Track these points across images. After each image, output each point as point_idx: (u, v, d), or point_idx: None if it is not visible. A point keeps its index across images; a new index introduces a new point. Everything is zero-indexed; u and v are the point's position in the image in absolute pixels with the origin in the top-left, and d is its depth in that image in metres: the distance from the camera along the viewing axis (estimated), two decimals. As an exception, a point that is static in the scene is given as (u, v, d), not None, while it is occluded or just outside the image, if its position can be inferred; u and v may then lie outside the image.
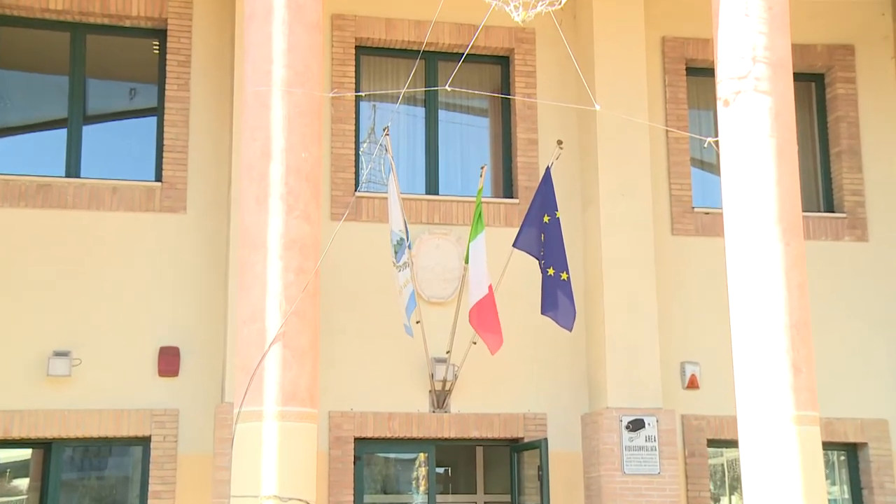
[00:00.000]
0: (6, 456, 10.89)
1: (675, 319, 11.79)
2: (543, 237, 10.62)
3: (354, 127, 11.71)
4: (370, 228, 11.40)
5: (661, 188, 12.10)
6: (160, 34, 11.72)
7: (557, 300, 10.49)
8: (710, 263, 11.68)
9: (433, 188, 11.93)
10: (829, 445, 11.63)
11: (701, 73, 12.52)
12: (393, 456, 11.75)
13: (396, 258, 10.44)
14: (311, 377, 7.29)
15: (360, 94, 11.68)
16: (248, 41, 7.81)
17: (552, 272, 10.48)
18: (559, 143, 11.05)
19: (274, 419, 7.10)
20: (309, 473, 7.17)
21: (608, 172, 11.61)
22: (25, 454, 10.89)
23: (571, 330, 10.61)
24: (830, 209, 12.72)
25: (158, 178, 11.38)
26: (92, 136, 11.53)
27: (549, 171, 10.90)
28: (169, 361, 10.86)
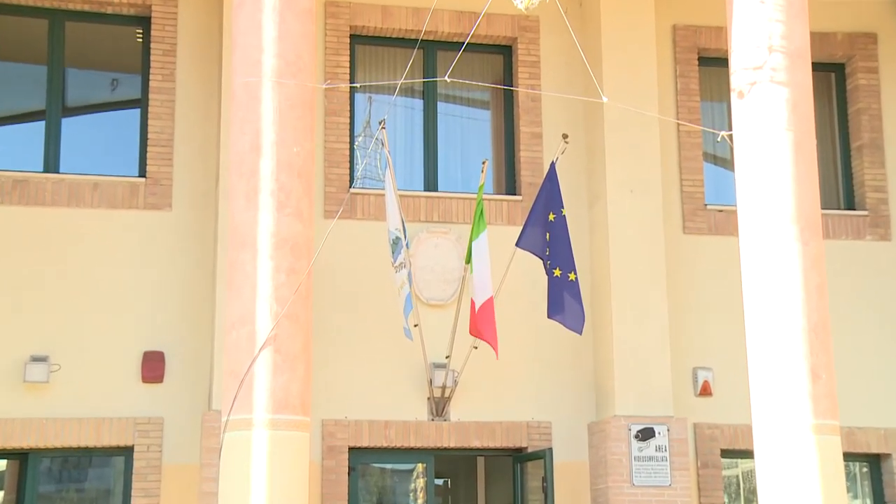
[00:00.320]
0: (-19, 467, 10.91)
1: (686, 322, 11.80)
2: (548, 236, 10.62)
3: (349, 120, 11.71)
4: (365, 227, 11.40)
5: (671, 184, 12.11)
6: (144, 21, 11.73)
7: (564, 302, 10.50)
8: (723, 263, 11.68)
9: (432, 184, 11.94)
10: (850, 456, 11.63)
11: (714, 63, 12.53)
12: (389, 467, 11.76)
13: (393, 258, 10.45)
14: (303, 383, 7.30)
15: (354, 85, 11.68)
16: (236, 29, 7.82)
17: (559, 273, 10.49)
18: (564, 136, 11.06)
19: (264, 428, 7.11)
20: (301, 485, 7.18)
21: (616, 168, 11.61)
22: (0, 465, 10.89)
23: (581, 333, 10.62)
24: (851, 206, 12.73)
25: (142, 173, 11.38)
26: (71, 128, 11.53)
27: (553, 166, 10.90)
28: (153, 367, 10.86)
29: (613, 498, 10.90)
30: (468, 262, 10.67)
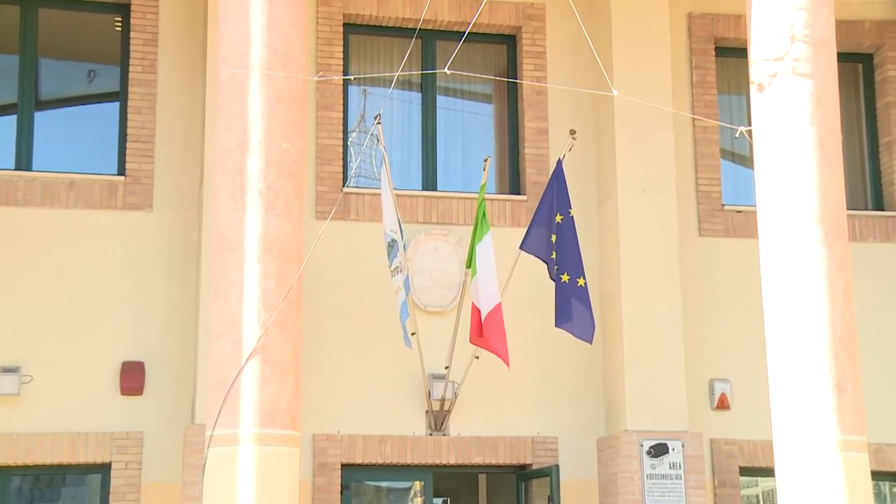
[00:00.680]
0: (-52, 485, 10.90)
1: (702, 331, 11.80)
2: (555, 238, 10.62)
3: (342, 114, 11.71)
4: (360, 228, 11.40)
5: (686, 183, 12.11)
6: (123, 9, 11.73)
7: (573, 310, 10.50)
8: (742, 268, 11.69)
9: (431, 183, 11.94)
10: (878, 475, 11.61)
11: (732, 53, 12.53)
12: (385, 485, 11.76)
13: (389, 262, 10.45)
14: (292, 396, 7.30)
15: (348, 77, 11.69)
16: (222, 18, 7.82)
17: (567, 278, 10.49)
18: (572, 132, 11.06)
19: (251, 443, 7.11)
20: (291, 504, 7.19)
21: (627, 166, 11.61)
22: (-30, 483, 10.90)
23: (591, 342, 10.62)
24: (879, 207, 12.73)
25: (121, 171, 11.38)
26: (45, 123, 11.53)
27: (560, 164, 10.91)
28: (132, 378, 10.86)
29: (624, 518, 10.91)
30: (469, 266, 10.67)
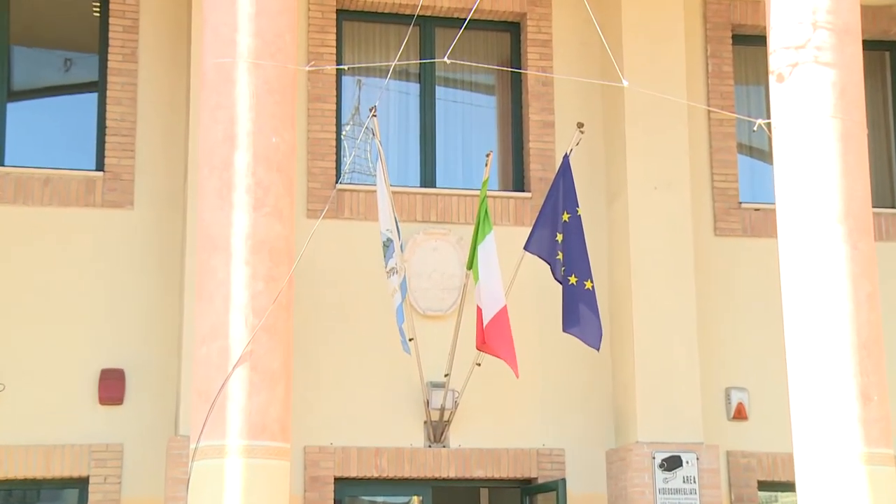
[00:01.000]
0: (-84, 500, 10.90)
1: (718, 336, 11.80)
2: (561, 238, 10.62)
3: (335, 106, 11.70)
4: (354, 227, 11.40)
5: (701, 180, 12.11)
6: (102, -6, 11.76)
7: (580, 314, 10.50)
8: (760, 269, 11.68)
9: (429, 180, 11.94)
10: (903, 488, 11.63)
11: (750, 41, 12.54)
12: (381, 500, 11.76)
13: (385, 263, 10.45)
14: (282, 405, 7.29)
15: (342, 66, 11.68)
16: (207, 3, 7.82)
17: (574, 281, 10.48)
18: (580, 126, 11.06)
19: (238, 455, 7.10)
20: (280, 521, 7.19)
21: (638, 161, 11.61)
22: (-62, 498, 10.90)
23: (599, 349, 10.62)
24: (906, 204, 12.76)
25: (99, 166, 11.37)
26: (18, 115, 11.52)
27: (567, 159, 10.90)
28: (112, 387, 10.85)
29: (635, 536, 10.92)
30: (470, 267, 10.67)
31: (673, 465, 10.99)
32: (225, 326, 7.26)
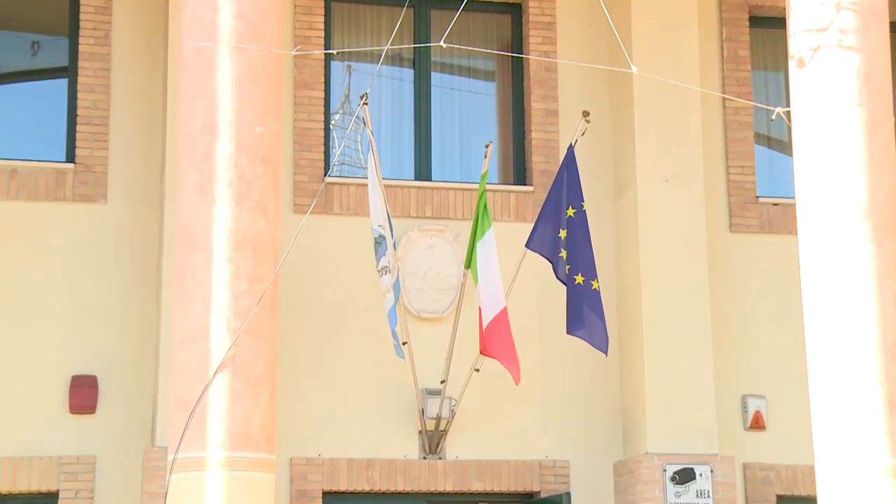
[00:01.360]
0: None
1: (734, 340, 11.82)
2: (564, 235, 10.64)
3: (324, 94, 11.71)
4: (344, 223, 11.41)
5: (716, 173, 12.13)
6: (73, -27, 11.75)
7: (585, 316, 10.51)
8: (779, 268, 11.71)
9: (424, 172, 11.95)
10: (931, 503, 11.67)
11: (769, 23, 12.56)
12: (372, 516, 11.78)
13: (376, 261, 10.45)
14: (267, 414, 7.30)
15: (330, 51, 11.69)
16: (187, -18, 7.83)
17: (581, 280, 10.50)
18: (585, 114, 11.07)
19: (219, 468, 7.11)
20: (265, 538, 7.19)
21: (648, 152, 11.62)
22: None
23: (607, 352, 10.63)
24: (933, 199, 12.76)
25: (70, 158, 11.37)
26: (-16, 103, 11.56)
27: (572, 150, 10.91)
28: (83, 394, 10.85)
29: (645, 554, 10.94)
30: (469, 266, 10.68)
31: (685, 478, 11.00)
32: (205, 329, 7.26)
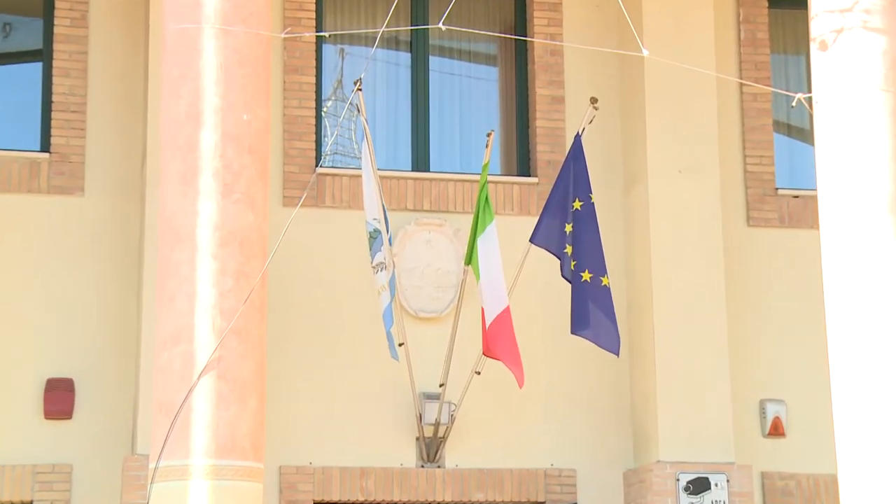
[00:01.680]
0: None
1: (751, 341, 11.82)
2: (570, 229, 10.64)
3: (315, 79, 11.71)
4: (336, 217, 11.41)
5: (732, 162, 12.13)
6: (47, -50, 11.75)
7: (591, 315, 10.50)
8: (799, 265, 11.72)
9: (422, 163, 11.95)
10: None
11: (789, 4, 12.55)
12: (366, 528, 11.79)
13: (371, 257, 10.45)
14: (255, 419, 7.30)
15: (322, 34, 11.67)
16: (169, -40, 7.83)
17: (588, 277, 10.49)
18: (593, 101, 11.07)
19: (204, 477, 7.11)
20: (253, 552, 7.21)
21: (660, 141, 11.63)
22: None
23: (618, 353, 10.63)
24: (964, 191, 12.77)
25: (45, 147, 11.37)
26: (-48, 89, 11.57)
27: (579, 139, 10.91)
28: (59, 399, 10.85)
29: (657, 568, 10.95)
30: (469, 262, 10.68)
31: (700, 488, 11.01)
32: (189, 329, 7.26)
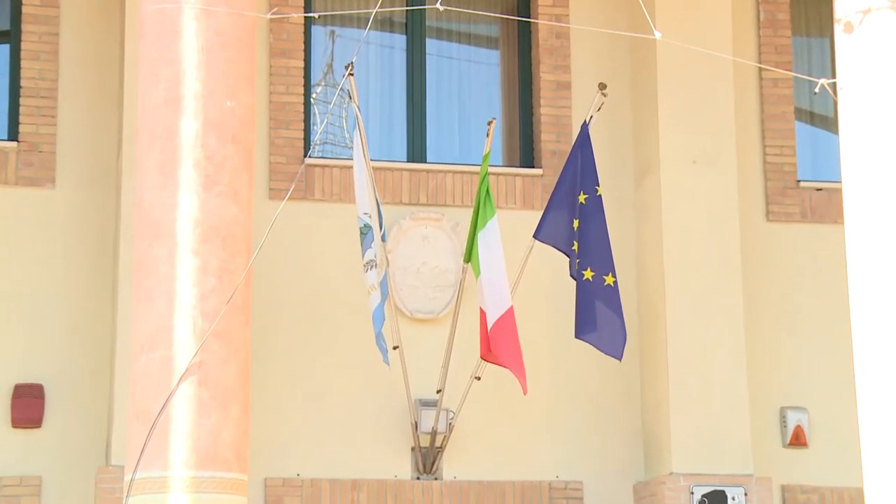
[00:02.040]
0: None
1: (771, 344, 11.84)
2: (577, 224, 10.65)
3: (304, 63, 11.72)
4: (326, 211, 11.43)
5: (751, 152, 12.14)
6: (16, -76, 11.74)
7: (598, 317, 10.51)
8: (822, 261, 11.74)
9: (418, 153, 11.96)
10: None
11: (810, -16, 12.60)
12: (358, 544, 11.80)
13: (362, 254, 10.45)
14: (238, 428, 7.31)
15: (311, 14, 11.68)
16: (147, -65, 7.83)
17: (591, 275, 10.50)
18: (602, 87, 11.07)
19: (184, 490, 7.12)
20: (236, 570, 7.21)
21: (673, 130, 11.64)
22: None
23: (621, 358, 10.64)
24: None
25: (13, 136, 11.37)
26: (-86, 74, 11.56)
27: (586, 127, 10.92)
28: (27, 406, 10.86)
29: (669, 588, 10.97)
30: (469, 260, 10.69)
31: (716, 502, 11.02)
32: (168, 332, 7.27)
